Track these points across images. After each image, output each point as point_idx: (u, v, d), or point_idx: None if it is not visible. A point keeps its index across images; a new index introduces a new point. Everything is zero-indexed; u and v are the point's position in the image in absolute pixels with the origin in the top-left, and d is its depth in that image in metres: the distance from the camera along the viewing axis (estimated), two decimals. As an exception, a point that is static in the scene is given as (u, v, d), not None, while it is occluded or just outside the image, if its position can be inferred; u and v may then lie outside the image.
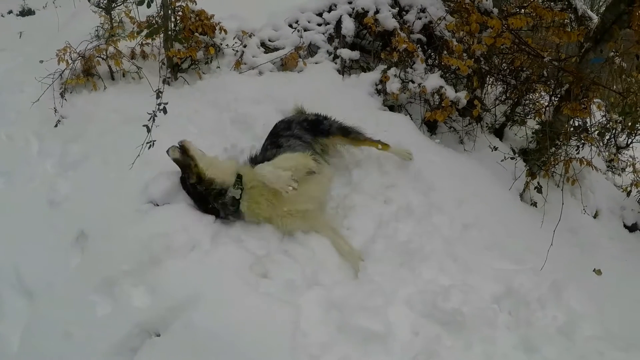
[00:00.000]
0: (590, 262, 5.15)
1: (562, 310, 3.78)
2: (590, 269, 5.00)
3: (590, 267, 5.02)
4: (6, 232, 4.40)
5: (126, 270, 3.63)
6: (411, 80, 5.79)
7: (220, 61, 6.30)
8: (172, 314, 3.33)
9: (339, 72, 6.28)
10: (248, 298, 3.38)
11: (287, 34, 6.59)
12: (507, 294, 3.87)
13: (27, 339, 3.62)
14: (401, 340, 3.38)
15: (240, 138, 5.05)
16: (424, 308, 3.60)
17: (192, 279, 3.51)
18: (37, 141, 5.41)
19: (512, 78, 6.58)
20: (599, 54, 5.70)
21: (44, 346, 3.53)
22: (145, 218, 4.04)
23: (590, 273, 4.98)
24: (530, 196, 5.84)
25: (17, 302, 3.90)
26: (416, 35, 6.26)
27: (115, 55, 5.89)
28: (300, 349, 3.20)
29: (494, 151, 5.93)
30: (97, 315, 3.53)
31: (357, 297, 3.52)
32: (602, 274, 4.98)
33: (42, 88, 5.69)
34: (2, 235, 4.37)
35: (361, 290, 3.60)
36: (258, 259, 3.72)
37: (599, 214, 6.49)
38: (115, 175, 4.49)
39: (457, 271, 4.07)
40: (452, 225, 4.53)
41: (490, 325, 3.56)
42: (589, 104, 5.96)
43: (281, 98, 5.55)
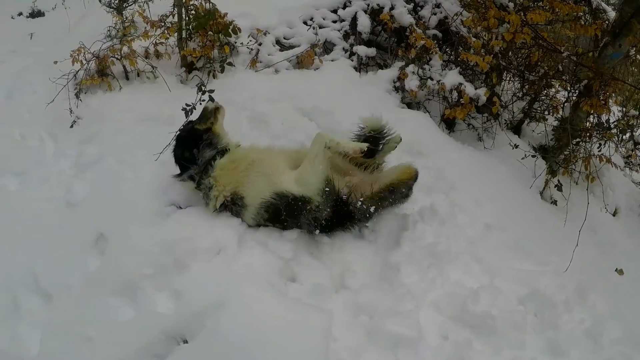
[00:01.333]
0: (610, 261, 5.15)
1: (588, 313, 3.76)
2: (611, 269, 4.97)
3: (610, 266, 5.00)
4: (22, 233, 4.29)
5: (149, 274, 3.55)
6: (430, 77, 5.72)
7: (235, 59, 6.23)
8: (199, 321, 3.23)
9: (356, 70, 6.23)
10: (278, 303, 3.31)
11: (302, 31, 6.53)
12: (532, 295, 3.83)
13: (46, 342, 3.50)
14: (431, 345, 3.33)
15: (258, 137, 4.95)
16: (453, 311, 3.57)
17: (218, 284, 3.42)
18: (52, 142, 5.34)
19: (529, 74, 6.49)
20: (617, 49, 5.61)
21: (65, 350, 3.42)
22: (167, 221, 3.98)
23: (611, 273, 4.94)
24: (551, 194, 5.78)
25: (34, 304, 3.78)
26: (432, 31, 6.21)
27: (130, 55, 5.84)
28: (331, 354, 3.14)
29: (514, 149, 5.84)
30: (119, 320, 3.44)
31: (386, 301, 3.48)
32: (623, 274, 4.97)
33: (55, 88, 5.64)
34: (18, 237, 4.25)
35: (391, 294, 3.56)
36: (286, 262, 3.66)
37: (618, 212, 6.44)
38: (133, 175, 4.45)
39: (481, 273, 4.04)
40: (475, 225, 4.50)
41: (519, 329, 3.51)
42: (607, 100, 5.89)
43: (298, 96, 5.51)
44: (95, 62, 5.80)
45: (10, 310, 3.72)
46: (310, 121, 5.32)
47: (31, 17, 8.97)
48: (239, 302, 3.29)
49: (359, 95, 5.68)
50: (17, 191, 4.80)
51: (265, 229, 3.93)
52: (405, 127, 5.20)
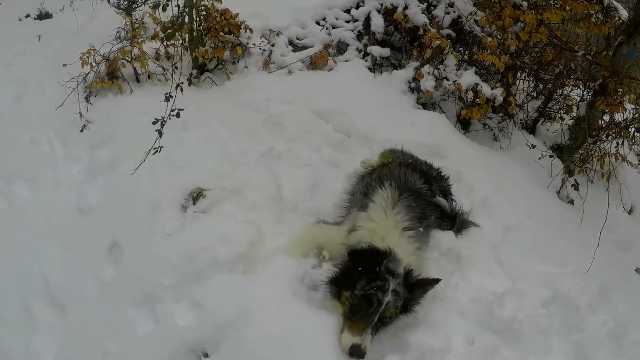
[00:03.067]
0: (629, 261, 5.13)
1: (611, 314, 3.71)
2: (631, 268, 5.00)
3: (629, 265, 5.02)
4: (34, 241, 4.27)
5: (167, 285, 3.49)
6: (445, 77, 5.68)
7: (247, 61, 6.21)
8: (221, 333, 3.17)
9: (370, 70, 6.21)
10: (302, 313, 3.24)
11: (315, 31, 6.51)
12: (555, 298, 3.79)
13: (62, 355, 3.48)
14: (457, 351, 3.26)
15: (275, 141, 4.96)
16: (479, 316, 3.50)
17: (241, 295, 3.35)
18: (62, 146, 5.29)
19: (544, 73, 6.44)
20: (632, 48, 5.56)
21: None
22: (185, 229, 3.93)
23: (631, 273, 4.97)
24: (567, 193, 5.73)
25: (48, 315, 3.77)
26: (445, 30, 6.18)
27: (140, 57, 5.80)
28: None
29: (531, 149, 5.80)
30: (138, 333, 3.38)
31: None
32: None
33: (64, 91, 5.61)
34: (30, 245, 4.24)
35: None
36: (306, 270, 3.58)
37: (634, 210, 6.39)
38: (148, 180, 4.37)
39: (504, 276, 3.99)
40: (495, 227, 4.46)
41: (544, 333, 3.46)
42: (622, 99, 5.85)
43: (313, 97, 5.49)
44: (105, 65, 5.76)
45: (24, 320, 3.71)
46: (327, 123, 5.30)
47: (39, 19, 8.88)
48: (263, 312, 3.22)
49: (374, 96, 5.67)
50: (28, 198, 4.77)
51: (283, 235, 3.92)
52: (422, 129, 5.20)
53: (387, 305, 3.10)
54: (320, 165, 4.72)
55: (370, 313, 3.10)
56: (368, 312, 3.10)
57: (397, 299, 3.13)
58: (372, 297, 3.11)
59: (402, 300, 3.17)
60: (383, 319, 3.14)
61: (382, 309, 3.09)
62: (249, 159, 4.68)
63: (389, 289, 3.11)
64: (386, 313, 3.12)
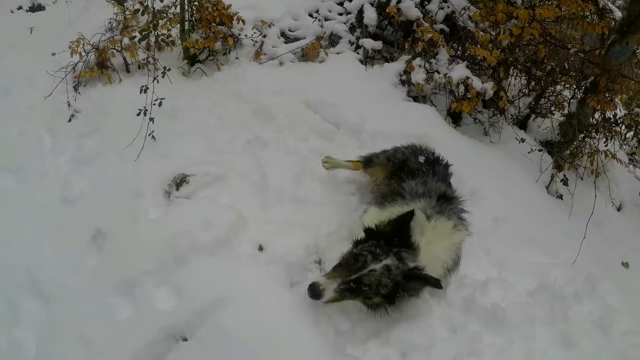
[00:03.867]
0: (617, 255, 5.18)
1: (598, 305, 3.74)
2: (618, 262, 5.05)
3: (617, 259, 5.07)
4: (18, 231, 4.19)
5: (148, 270, 3.46)
6: (436, 70, 5.68)
7: (238, 52, 6.17)
8: (199, 318, 3.15)
9: (362, 63, 6.19)
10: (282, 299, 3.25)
11: (308, 23, 6.48)
12: (541, 287, 3.80)
13: (43, 344, 3.42)
14: (440, 338, 3.26)
15: (263, 130, 4.94)
16: (462, 304, 3.51)
17: (220, 280, 3.35)
18: (49, 137, 5.22)
19: (536, 69, 6.45)
20: (625, 46, 5.58)
21: (62, 352, 3.33)
22: (167, 214, 3.92)
23: (618, 266, 5.02)
24: (556, 188, 5.76)
25: (31, 305, 3.68)
26: (439, 25, 6.16)
27: (130, 47, 5.74)
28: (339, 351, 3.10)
29: (520, 143, 5.82)
30: (117, 320, 3.34)
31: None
32: (630, 267, 5.03)
33: (54, 82, 5.57)
34: (14, 236, 4.16)
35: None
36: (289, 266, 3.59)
37: (622, 207, 6.43)
38: (133, 169, 4.37)
39: (490, 266, 4.02)
40: (483, 218, 4.44)
41: (530, 321, 3.45)
42: (614, 97, 5.87)
43: (303, 89, 5.48)
44: (95, 54, 5.71)
45: (7, 312, 3.63)
46: (316, 114, 5.29)
47: (31, 11, 8.81)
48: (242, 297, 3.22)
49: (365, 88, 5.66)
50: (14, 189, 4.69)
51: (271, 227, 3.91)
52: (412, 120, 5.19)
53: (370, 271, 3.05)
54: (308, 154, 4.70)
55: (351, 269, 3.08)
56: (350, 267, 3.09)
57: (385, 274, 3.06)
58: (361, 256, 3.11)
59: (392, 284, 3.08)
60: (361, 284, 3.06)
61: (364, 271, 3.05)
62: (235, 147, 4.67)
63: (382, 261, 3.07)
64: (365, 279, 3.05)
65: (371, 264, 3.06)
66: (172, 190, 4.16)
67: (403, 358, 3.13)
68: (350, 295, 3.10)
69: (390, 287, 3.09)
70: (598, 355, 3.32)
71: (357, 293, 3.10)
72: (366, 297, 3.13)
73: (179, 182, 4.20)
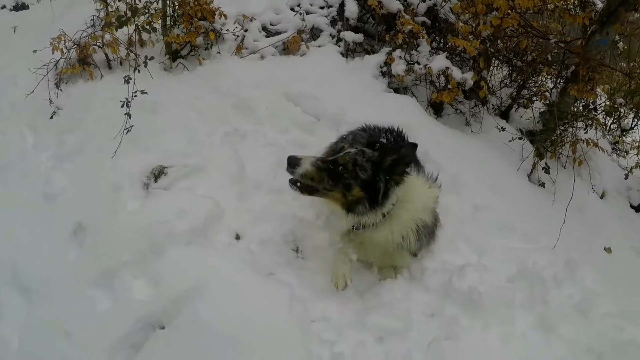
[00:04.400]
0: (599, 241, 5.23)
1: (577, 288, 3.72)
2: (600, 248, 5.09)
3: (599, 245, 5.11)
4: (2, 228, 4.24)
5: (126, 261, 3.47)
6: (417, 62, 5.70)
7: (220, 46, 6.17)
8: (176, 306, 3.16)
9: (343, 55, 6.21)
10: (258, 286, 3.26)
11: (289, 17, 6.50)
12: (521, 273, 3.79)
13: (26, 339, 3.44)
14: (417, 322, 3.28)
15: (242, 122, 4.96)
16: (439, 288, 3.52)
17: (197, 268, 3.35)
18: (31, 134, 5.23)
19: (517, 60, 6.49)
20: (604, 36, 5.65)
21: (44, 346, 3.35)
22: (144, 206, 3.93)
23: (600, 251, 5.05)
24: (538, 177, 5.80)
25: (14, 300, 3.71)
26: (420, 18, 6.19)
27: (112, 43, 5.74)
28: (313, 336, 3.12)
29: (501, 132, 5.88)
30: (96, 311, 3.35)
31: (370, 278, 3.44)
32: (612, 252, 5.06)
33: (36, 80, 5.57)
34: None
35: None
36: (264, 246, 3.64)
37: (605, 195, 6.51)
38: (113, 163, 4.37)
39: (470, 251, 4.03)
40: (463, 205, 4.49)
41: (507, 305, 3.45)
42: (595, 86, 5.91)
43: (284, 82, 5.49)
44: (76, 51, 5.70)
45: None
46: (296, 106, 5.30)
47: (15, 10, 8.75)
48: (218, 285, 3.23)
49: (346, 80, 5.68)
50: (-3, 188, 4.71)
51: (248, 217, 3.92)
52: (391, 111, 5.21)
53: (345, 153, 3.09)
54: (287, 146, 4.71)
55: (329, 154, 3.19)
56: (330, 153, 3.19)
57: (360, 154, 3.09)
58: (339, 145, 3.25)
59: (370, 167, 3.07)
60: (337, 166, 3.09)
61: (341, 153, 3.09)
62: (215, 140, 4.68)
63: (358, 148, 3.11)
64: (340, 159, 3.08)
65: (348, 149, 3.12)
66: (150, 182, 4.17)
67: (379, 342, 3.14)
68: (328, 179, 3.11)
69: (370, 172, 3.08)
70: (577, 338, 3.30)
71: (335, 176, 3.10)
72: (345, 185, 3.11)
73: (157, 174, 4.21)
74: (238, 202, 4.06)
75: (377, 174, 3.09)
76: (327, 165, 3.10)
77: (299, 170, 3.08)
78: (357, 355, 3.01)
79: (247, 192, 4.18)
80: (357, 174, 3.07)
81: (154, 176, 4.20)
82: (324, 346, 3.07)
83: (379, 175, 3.10)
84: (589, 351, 3.22)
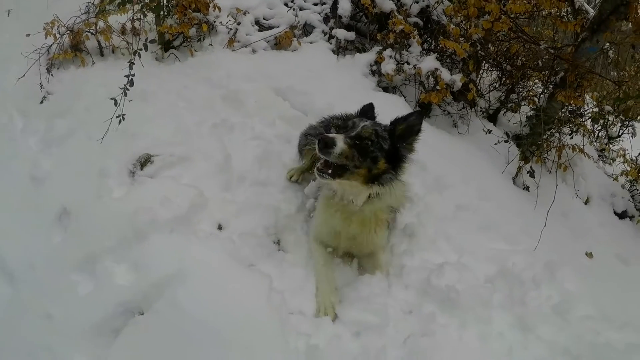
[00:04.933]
0: (581, 246, 5.23)
1: (556, 290, 3.75)
2: (582, 252, 5.08)
3: (581, 250, 5.11)
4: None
5: (109, 246, 3.50)
6: (406, 61, 5.73)
7: (213, 39, 6.21)
8: (156, 291, 3.18)
9: (334, 52, 6.26)
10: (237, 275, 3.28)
11: (282, 12, 6.55)
12: (501, 273, 3.83)
13: (7, 321, 3.46)
14: (394, 318, 3.30)
15: (231, 114, 4.98)
16: (418, 286, 3.55)
17: (178, 256, 3.36)
18: (21, 118, 5.24)
19: (507, 64, 6.54)
20: (594, 44, 5.68)
21: (25, 328, 3.37)
22: (129, 193, 3.95)
23: (581, 256, 5.05)
24: (523, 180, 5.83)
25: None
26: (413, 18, 6.23)
27: (105, 31, 5.76)
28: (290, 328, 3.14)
29: (487, 134, 5.91)
30: (78, 295, 3.37)
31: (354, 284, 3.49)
32: (594, 257, 5.05)
33: (27, 64, 5.57)
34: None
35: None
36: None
37: (590, 200, 6.53)
38: (101, 149, 4.37)
39: (450, 251, 4.04)
40: (445, 206, 4.51)
41: (485, 305, 3.49)
42: (583, 92, 5.95)
43: (275, 76, 5.53)
44: (69, 36, 5.72)
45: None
46: (285, 101, 5.33)
47: (10, -8, 8.77)
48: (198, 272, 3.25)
49: (335, 77, 5.72)
50: (-18, 170, 4.70)
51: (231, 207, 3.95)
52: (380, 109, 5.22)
53: (363, 127, 3.18)
54: (273, 139, 4.76)
55: (346, 131, 3.21)
56: (344, 131, 3.24)
57: (376, 126, 3.23)
58: (347, 121, 3.40)
59: (389, 137, 3.21)
60: (362, 139, 3.13)
61: (358, 129, 3.16)
62: (202, 130, 4.71)
63: (368, 123, 3.25)
64: (364, 133, 3.15)
65: (360, 123, 3.21)
66: (136, 170, 4.20)
67: (356, 337, 3.17)
68: (357, 155, 3.11)
69: (389, 142, 3.20)
70: (555, 339, 3.33)
71: (363, 151, 3.13)
72: (372, 158, 3.16)
73: (143, 162, 4.24)
74: (222, 193, 4.10)
75: (394, 143, 3.22)
76: (354, 141, 3.11)
77: (336, 150, 3.02)
78: (332, 348, 3.03)
79: (232, 183, 4.21)
80: (382, 145, 3.17)
81: (140, 164, 4.23)
82: (301, 338, 3.09)
83: (396, 144, 3.23)
84: (566, 353, 3.24)
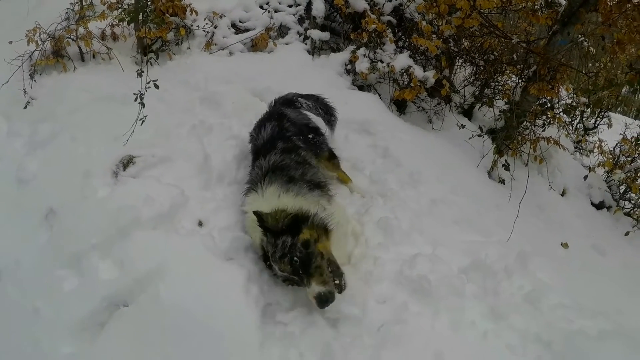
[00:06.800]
0: (557, 237, 5.31)
1: (528, 280, 3.83)
2: (557, 243, 5.16)
3: (556, 241, 5.19)
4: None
5: (94, 244, 3.61)
6: (380, 60, 5.84)
7: (190, 42, 6.30)
8: (139, 286, 3.32)
9: (309, 53, 6.36)
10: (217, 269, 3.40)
11: (258, 15, 6.64)
12: (474, 264, 3.90)
13: (-5, 316, 3.58)
14: (369, 308, 3.39)
15: (209, 115, 5.08)
16: (392, 277, 3.64)
17: (160, 251, 3.51)
18: (6, 122, 5.32)
19: (480, 59, 6.65)
20: (565, 37, 5.78)
21: (11, 323, 3.49)
22: (113, 192, 4.06)
23: (557, 247, 5.13)
24: (499, 174, 5.93)
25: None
26: (386, 17, 6.32)
27: (86, 36, 5.83)
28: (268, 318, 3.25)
29: (461, 129, 6.01)
30: (64, 290, 3.49)
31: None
32: (569, 248, 5.14)
33: (10, 70, 5.62)
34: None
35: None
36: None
37: (566, 192, 6.61)
38: (84, 151, 4.50)
39: (424, 244, 4.10)
40: (420, 200, 4.59)
41: (458, 294, 3.57)
42: (557, 85, 6.06)
43: (252, 78, 5.61)
44: (51, 43, 5.79)
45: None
46: (261, 102, 5.41)
47: (-10, -1, 8.78)
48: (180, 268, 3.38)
49: (311, 77, 5.81)
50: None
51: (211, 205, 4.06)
52: (355, 107, 5.33)
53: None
54: (250, 139, 4.82)
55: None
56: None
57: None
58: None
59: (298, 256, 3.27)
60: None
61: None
62: (182, 132, 4.82)
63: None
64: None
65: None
66: (119, 171, 4.34)
67: (332, 326, 3.26)
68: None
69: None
70: (526, 327, 3.40)
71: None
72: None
73: (126, 163, 4.38)
74: (202, 191, 4.22)
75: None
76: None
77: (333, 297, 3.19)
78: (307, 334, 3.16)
79: (211, 182, 4.33)
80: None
81: (123, 165, 4.37)
82: (278, 326, 3.21)
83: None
84: (537, 340, 3.31)
